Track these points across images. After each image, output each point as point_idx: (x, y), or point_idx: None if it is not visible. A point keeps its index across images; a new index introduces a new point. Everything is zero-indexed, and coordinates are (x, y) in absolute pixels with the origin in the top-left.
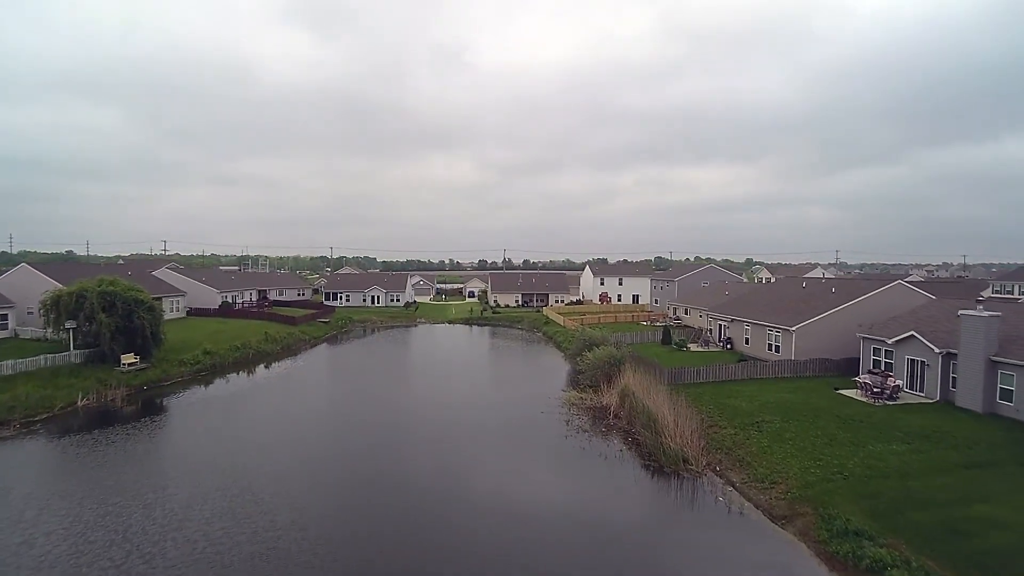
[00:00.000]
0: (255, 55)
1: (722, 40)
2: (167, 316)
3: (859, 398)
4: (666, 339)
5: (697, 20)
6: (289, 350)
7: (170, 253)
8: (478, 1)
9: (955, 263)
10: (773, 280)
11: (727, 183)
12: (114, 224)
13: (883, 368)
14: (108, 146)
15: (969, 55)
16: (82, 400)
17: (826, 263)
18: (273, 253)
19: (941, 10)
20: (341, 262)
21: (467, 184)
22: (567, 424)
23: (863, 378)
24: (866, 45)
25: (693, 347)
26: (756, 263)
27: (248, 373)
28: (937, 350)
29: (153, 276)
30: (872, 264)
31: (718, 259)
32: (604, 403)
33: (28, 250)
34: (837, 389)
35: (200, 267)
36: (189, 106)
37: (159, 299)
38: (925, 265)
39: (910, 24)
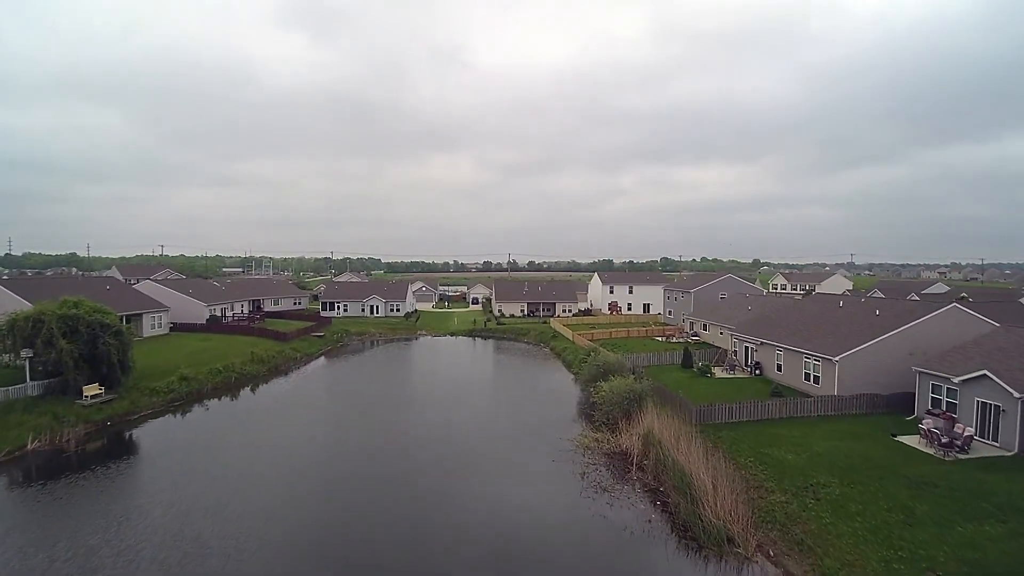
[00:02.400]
0: (255, 57)
1: (720, 41)
2: (148, 333)
3: (923, 448)
4: (687, 361)
5: (695, 21)
6: (278, 371)
7: (174, 255)
8: (476, 3)
9: (965, 263)
10: (788, 287)
11: (728, 183)
12: (117, 226)
13: (944, 409)
14: (110, 148)
15: (969, 55)
16: (32, 442)
17: (834, 263)
18: (277, 254)
19: (940, 10)
20: (344, 264)
21: (469, 184)
22: (583, 477)
23: (927, 424)
24: (865, 45)
25: (718, 371)
26: (764, 264)
27: (231, 398)
28: (1017, 394)
29: (135, 291)
30: (880, 264)
31: (724, 260)
32: (624, 447)
33: (31, 252)
34: (895, 436)
35: (203, 270)
36: (190, 108)
37: (139, 315)
38: (935, 266)
39: (909, 24)
